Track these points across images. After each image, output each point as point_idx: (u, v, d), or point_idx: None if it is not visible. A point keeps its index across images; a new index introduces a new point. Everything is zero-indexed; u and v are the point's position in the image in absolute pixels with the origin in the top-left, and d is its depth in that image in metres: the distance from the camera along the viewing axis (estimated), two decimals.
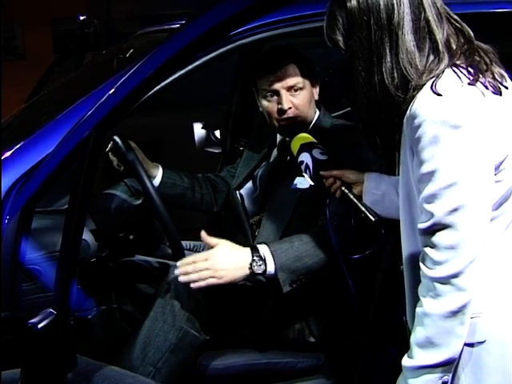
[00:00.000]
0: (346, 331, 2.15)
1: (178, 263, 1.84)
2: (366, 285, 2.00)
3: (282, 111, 2.12)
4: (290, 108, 2.12)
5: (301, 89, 2.14)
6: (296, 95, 2.14)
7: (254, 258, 1.87)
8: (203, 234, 1.88)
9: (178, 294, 1.98)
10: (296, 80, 2.12)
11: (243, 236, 2.28)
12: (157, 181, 2.30)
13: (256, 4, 1.31)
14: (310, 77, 2.17)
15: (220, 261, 1.83)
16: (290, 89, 2.12)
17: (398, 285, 1.53)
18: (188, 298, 1.98)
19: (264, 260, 1.88)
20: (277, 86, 2.12)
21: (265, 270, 1.88)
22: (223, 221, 2.61)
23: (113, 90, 1.43)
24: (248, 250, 1.89)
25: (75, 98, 1.85)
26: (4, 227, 1.56)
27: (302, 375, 2.11)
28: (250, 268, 1.86)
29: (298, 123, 2.15)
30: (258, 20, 1.87)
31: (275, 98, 2.13)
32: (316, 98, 2.22)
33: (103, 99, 1.44)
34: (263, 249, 1.90)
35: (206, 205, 2.46)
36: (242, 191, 2.37)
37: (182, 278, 1.83)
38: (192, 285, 1.83)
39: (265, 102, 2.17)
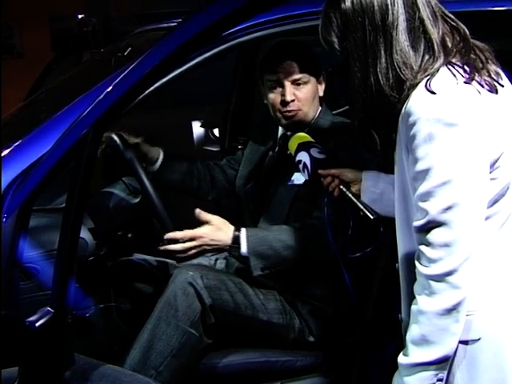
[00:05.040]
0: (344, 329, 2.15)
1: (166, 236, 2.00)
2: (364, 283, 2.00)
3: (284, 103, 2.15)
4: (292, 100, 2.15)
5: (305, 83, 2.17)
6: (300, 89, 2.16)
7: (232, 244, 2.04)
8: (197, 210, 2.04)
9: (183, 297, 1.98)
10: (301, 74, 2.15)
11: None
12: (157, 164, 2.32)
13: (252, 2, 1.30)
14: (315, 73, 2.20)
15: (204, 241, 2.02)
16: (294, 82, 2.15)
17: (396, 283, 1.53)
18: (194, 301, 1.98)
19: (239, 244, 2.03)
20: (282, 78, 2.15)
21: (239, 254, 2.04)
22: (223, 211, 2.61)
23: (110, 87, 1.43)
24: (231, 232, 2.04)
25: (73, 97, 1.85)
26: (2, 225, 1.56)
27: (300, 373, 2.12)
28: (228, 250, 2.07)
29: (300, 117, 2.17)
30: (257, 18, 1.88)
31: (279, 89, 2.16)
32: (321, 94, 2.24)
33: (101, 97, 1.44)
34: (242, 233, 2.05)
35: (202, 192, 2.48)
36: (248, 187, 2.39)
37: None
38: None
39: (270, 94, 2.20)
